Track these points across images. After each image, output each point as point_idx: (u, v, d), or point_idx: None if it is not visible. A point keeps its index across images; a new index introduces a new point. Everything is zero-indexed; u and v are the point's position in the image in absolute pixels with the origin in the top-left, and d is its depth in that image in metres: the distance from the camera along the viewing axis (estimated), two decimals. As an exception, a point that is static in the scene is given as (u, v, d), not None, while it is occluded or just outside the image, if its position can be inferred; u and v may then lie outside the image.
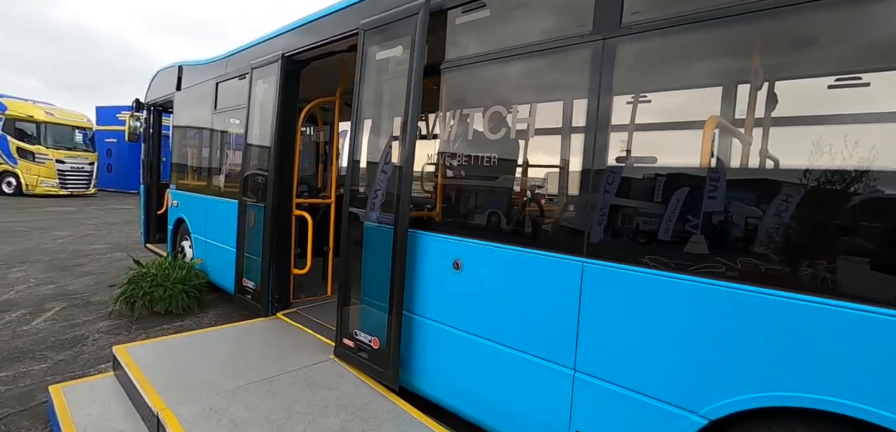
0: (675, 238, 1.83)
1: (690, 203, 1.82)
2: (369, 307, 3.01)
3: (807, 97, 1.77)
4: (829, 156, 1.53)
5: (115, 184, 22.72)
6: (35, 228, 10.18)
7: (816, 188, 1.57)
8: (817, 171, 1.56)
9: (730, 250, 1.72)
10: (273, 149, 4.00)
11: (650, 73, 2.06)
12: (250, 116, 4.36)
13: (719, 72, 1.94)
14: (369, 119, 3.10)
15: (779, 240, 1.63)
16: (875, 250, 1.50)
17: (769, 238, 1.66)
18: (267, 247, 4.02)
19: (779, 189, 1.67)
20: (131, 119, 7.35)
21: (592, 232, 2.02)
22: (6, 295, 5.36)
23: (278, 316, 4.10)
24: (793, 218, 1.62)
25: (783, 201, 1.63)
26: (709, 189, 1.78)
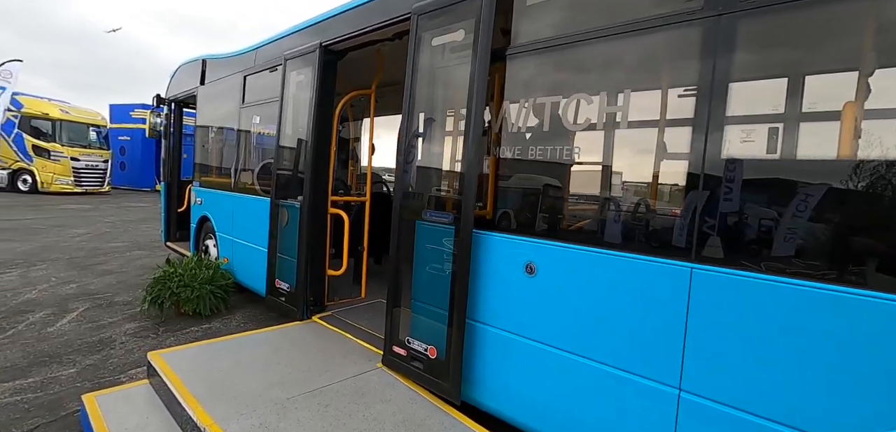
0: (817, 244, 1.59)
1: (831, 202, 1.57)
2: (424, 313, 2.79)
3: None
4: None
5: (129, 181, 22.74)
6: (52, 226, 10.08)
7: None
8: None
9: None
10: (309, 145, 3.80)
11: (768, 54, 1.81)
12: (283, 110, 4.16)
13: (854, 52, 1.69)
14: (422, 111, 2.88)
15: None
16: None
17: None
18: (303, 248, 3.82)
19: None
20: (152, 115, 7.19)
21: (703, 234, 1.78)
22: (29, 294, 5.21)
23: (314, 319, 3.89)
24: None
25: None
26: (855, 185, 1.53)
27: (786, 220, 1.65)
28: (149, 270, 6.62)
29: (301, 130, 4.03)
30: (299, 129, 4.08)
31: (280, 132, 4.17)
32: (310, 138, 3.80)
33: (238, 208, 5.01)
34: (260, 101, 4.79)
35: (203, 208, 5.86)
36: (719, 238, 1.76)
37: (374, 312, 4.17)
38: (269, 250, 4.24)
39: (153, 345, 3.99)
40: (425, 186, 2.86)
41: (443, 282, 2.63)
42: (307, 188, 3.79)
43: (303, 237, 3.81)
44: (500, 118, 2.49)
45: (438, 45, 2.77)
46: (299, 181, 3.98)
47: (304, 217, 3.80)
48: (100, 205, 14.72)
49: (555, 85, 2.32)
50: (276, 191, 4.16)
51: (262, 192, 4.65)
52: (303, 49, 3.93)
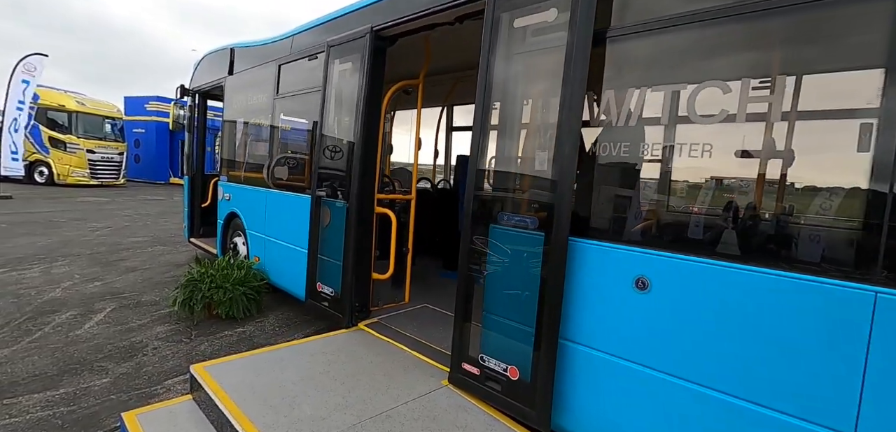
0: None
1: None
2: (501, 329, 2.48)
3: None
4: None
5: (143, 174, 22.68)
6: (71, 219, 9.91)
7: None
8: None
9: None
10: (358, 139, 3.50)
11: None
12: (326, 101, 3.87)
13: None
14: (500, 101, 2.56)
15: None
16: None
17: None
18: (350, 250, 3.53)
19: None
20: (176, 107, 6.95)
21: (893, 251, 1.45)
22: (53, 292, 4.99)
23: (361, 327, 3.61)
24: None
25: None
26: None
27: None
28: (173, 267, 6.40)
29: (346, 123, 3.74)
30: (344, 122, 3.79)
31: (322, 125, 3.87)
32: (357, 132, 3.50)
33: (272, 205, 4.74)
34: (297, 92, 4.51)
35: (231, 204, 5.60)
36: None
37: (422, 319, 3.88)
38: (310, 251, 3.95)
39: (187, 352, 3.74)
40: (504, 185, 2.55)
41: (526, 294, 2.32)
42: (354, 185, 3.50)
43: (350, 238, 3.53)
44: (602, 109, 2.16)
45: (521, 26, 2.45)
46: (344, 178, 3.69)
47: (351, 216, 3.51)
48: (116, 198, 14.60)
49: (678, 70, 2.00)
50: (317, 187, 3.87)
51: (301, 189, 4.37)
52: (350, 35, 3.63)
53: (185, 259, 6.98)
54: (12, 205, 11.48)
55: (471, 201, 2.59)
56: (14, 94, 12.69)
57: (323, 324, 4.47)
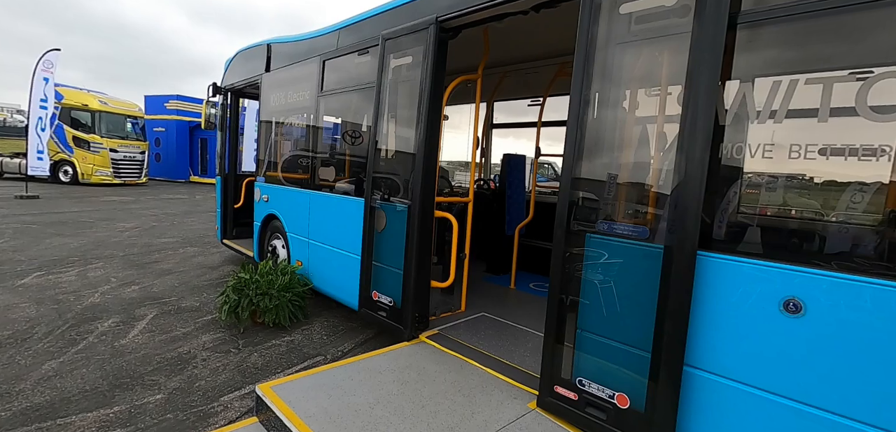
0: None
1: None
2: (607, 351, 2.23)
3: None
4: None
5: (164, 173, 22.80)
6: (100, 219, 9.87)
7: None
8: None
9: None
10: (420, 137, 3.27)
11: None
12: (381, 98, 3.64)
13: None
14: (602, 95, 2.30)
15: None
16: None
17: None
18: (412, 257, 3.30)
19: None
20: (207, 105, 6.78)
21: None
22: (92, 297, 4.85)
23: (423, 339, 3.39)
24: None
25: None
26: None
27: None
28: (207, 270, 6.25)
29: (405, 121, 3.51)
30: (402, 120, 3.56)
31: (376, 123, 3.65)
32: (420, 130, 3.27)
33: (317, 208, 4.54)
34: (344, 89, 4.29)
35: (270, 206, 5.41)
36: None
37: (483, 330, 3.65)
38: (363, 258, 3.74)
39: (238, 364, 3.55)
40: (607, 190, 2.29)
41: (639, 314, 2.07)
42: (417, 188, 3.26)
43: (412, 244, 3.30)
44: (739, 102, 1.89)
45: (630, 12, 2.18)
46: (404, 179, 3.46)
47: (413, 220, 3.28)
48: (140, 197, 14.61)
49: (841, 54, 1.72)
50: (372, 189, 3.65)
51: (351, 191, 4.16)
52: (410, 26, 3.39)
53: (219, 261, 6.85)
54: (39, 204, 11.51)
55: (565, 208, 2.34)
56: (36, 93, 12.72)
57: (371, 333, 4.26)
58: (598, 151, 2.32)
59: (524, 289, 4.95)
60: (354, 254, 3.92)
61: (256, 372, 3.44)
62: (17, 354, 3.50)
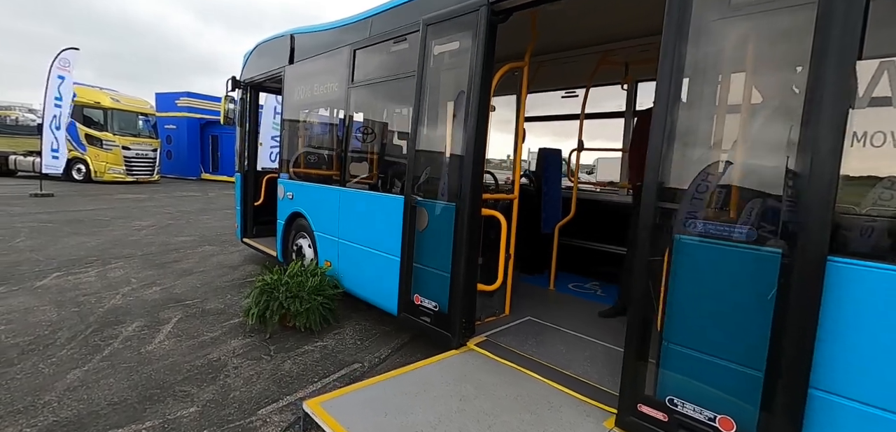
0: None
1: None
2: (704, 369, 1.98)
3: None
4: None
5: (175, 170, 22.75)
6: (116, 217, 9.74)
7: None
8: None
9: None
10: (469, 130, 3.02)
11: None
12: (422, 87, 3.39)
13: None
14: (695, 80, 2.04)
15: None
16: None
17: None
18: (461, 258, 3.06)
19: None
20: (226, 100, 6.57)
21: None
22: (114, 300, 4.67)
23: (471, 347, 3.15)
24: None
25: None
26: None
27: None
28: (228, 270, 6.06)
29: (450, 112, 3.27)
30: (446, 112, 3.31)
31: (417, 115, 3.40)
32: (468, 122, 3.02)
33: (348, 206, 4.31)
34: (378, 79, 4.05)
35: (294, 204, 5.20)
36: None
37: (533, 335, 3.41)
38: (403, 259, 3.50)
39: (272, 372, 3.34)
40: (703, 186, 2.03)
41: (746, 327, 1.81)
42: (466, 184, 3.02)
43: (460, 245, 3.06)
44: (876, 85, 1.63)
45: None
46: (450, 175, 3.22)
47: (462, 220, 3.04)
48: (153, 195, 14.50)
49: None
50: (412, 186, 3.41)
51: (388, 187, 3.93)
52: (457, 9, 3.13)
53: (239, 260, 6.66)
54: (55, 203, 11.42)
55: (651, 206, 2.08)
56: (51, 91, 12.62)
57: (405, 337, 4.04)
58: (691, 142, 2.06)
59: (564, 290, 4.70)
60: (391, 256, 3.69)
61: (292, 382, 3.23)
62: (41, 362, 3.31)
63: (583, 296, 4.56)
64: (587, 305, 4.27)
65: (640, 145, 3.96)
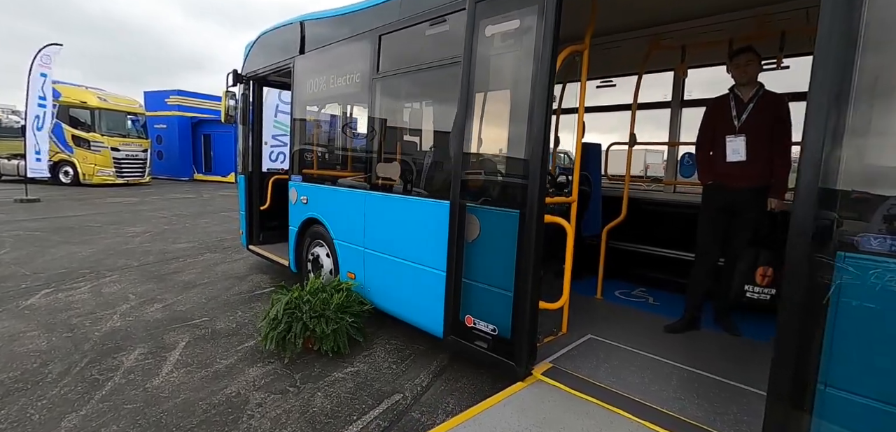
0: None
1: None
2: (883, 419, 1.55)
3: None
4: None
5: (166, 171, 22.05)
6: (107, 223, 9.16)
7: None
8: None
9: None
10: (535, 123, 2.56)
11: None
12: (470, 76, 2.92)
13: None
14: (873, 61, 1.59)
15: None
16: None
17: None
18: (527, 273, 2.61)
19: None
20: (227, 96, 6.04)
21: None
22: (111, 320, 4.16)
23: (539, 376, 2.71)
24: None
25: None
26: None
27: None
28: (235, 281, 5.56)
29: (504, 104, 2.81)
30: (500, 103, 2.86)
31: (465, 108, 2.93)
32: (534, 114, 2.56)
33: (376, 211, 3.83)
34: (411, 68, 3.57)
35: (309, 209, 4.71)
36: None
37: (602, 358, 2.99)
38: (450, 274, 3.04)
39: (302, 408, 2.88)
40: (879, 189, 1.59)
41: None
42: (534, 187, 2.56)
43: (527, 258, 2.60)
44: None
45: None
46: (502, 177, 2.77)
47: (528, 229, 2.59)
48: (145, 198, 13.88)
49: None
50: (461, 190, 2.94)
51: (426, 191, 3.46)
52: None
53: (245, 270, 6.15)
54: (41, 208, 10.80)
55: (810, 216, 1.64)
56: (34, 89, 11.95)
57: (444, 358, 3.59)
58: (866, 132, 1.62)
59: (612, 299, 4.27)
60: (433, 269, 3.23)
61: (327, 421, 2.77)
62: (30, 405, 2.82)
63: (635, 306, 4.14)
64: (644, 317, 3.85)
65: (712, 139, 3.54)
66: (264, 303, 4.78)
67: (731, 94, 3.41)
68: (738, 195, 3.33)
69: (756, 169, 3.26)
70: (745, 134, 3.28)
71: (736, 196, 3.34)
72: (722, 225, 3.42)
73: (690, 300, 3.53)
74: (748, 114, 3.29)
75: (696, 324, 3.53)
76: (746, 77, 3.31)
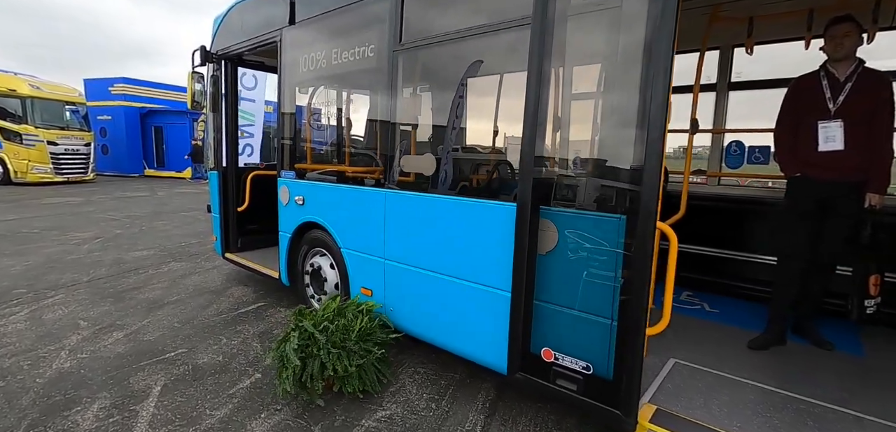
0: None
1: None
2: None
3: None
4: None
5: (114, 167, 20.17)
6: (47, 228, 7.91)
7: None
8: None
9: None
10: (656, 102, 1.95)
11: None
12: (544, 42, 2.27)
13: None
14: None
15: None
16: None
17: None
18: (640, 298, 2.01)
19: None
20: (193, 79, 5.11)
21: None
22: (58, 361, 3.27)
23: (648, 425, 2.13)
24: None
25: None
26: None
27: None
28: (212, 296, 4.70)
29: (596, 80, 2.19)
30: (588, 79, 2.23)
31: (538, 84, 2.28)
32: (652, 91, 1.95)
33: (402, 215, 3.13)
34: (450, 35, 2.87)
35: (306, 211, 3.94)
36: None
37: (703, 391, 2.46)
38: (517, 294, 2.40)
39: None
40: None
41: None
42: (646, 187, 1.96)
43: (641, 278, 2.01)
44: None
45: None
46: (599, 172, 2.16)
47: (643, 241, 1.99)
48: (91, 197, 12.40)
49: None
50: (532, 190, 2.30)
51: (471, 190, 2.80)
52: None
53: (221, 281, 5.28)
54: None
55: None
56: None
57: (490, 389, 2.96)
58: None
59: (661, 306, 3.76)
60: (490, 287, 2.59)
61: (374, 500, 2.08)
62: (-60, 507, 1.97)
63: (693, 314, 3.65)
64: (712, 329, 3.36)
65: (795, 124, 3.06)
66: (253, 324, 3.99)
67: (822, 71, 2.93)
68: (832, 189, 2.87)
69: (853, 160, 2.81)
70: (842, 118, 2.82)
71: (829, 190, 2.88)
72: (811, 224, 2.96)
73: (776, 311, 3.06)
74: (846, 95, 2.82)
75: (783, 339, 3.06)
76: (843, 51, 2.84)
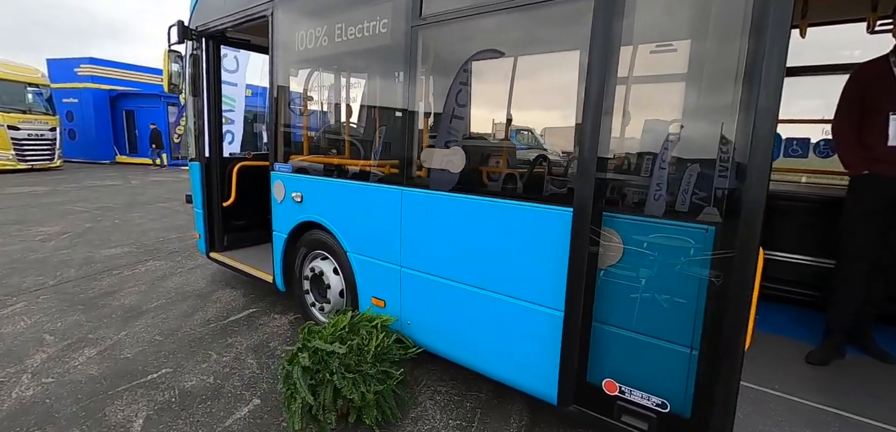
0: None
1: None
2: None
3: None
4: None
5: (82, 153, 19.09)
6: (6, 223, 7.22)
7: None
8: None
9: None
10: (759, 91, 1.60)
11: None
12: (609, 16, 1.89)
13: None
14: None
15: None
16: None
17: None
18: (737, 327, 1.68)
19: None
20: (170, 58, 4.57)
21: None
22: (20, 387, 2.79)
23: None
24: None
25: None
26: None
27: None
28: (197, 301, 4.24)
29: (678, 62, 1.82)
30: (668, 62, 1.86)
31: (604, 67, 1.90)
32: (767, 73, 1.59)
33: (423, 216, 2.73)
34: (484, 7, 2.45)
35: (305, 210, 3.50)
36: None
37: (778, 420, 2.14)
38: (572, 314, 2.05)
39: None
40: None
41: None
42: (751, 188, 1.62)
43: (738, 302, 1.67)
44: None
45: None
46: (681, 173, 1.80)
47: (745, 259, 1.64)
48: (58, 187, 11.58)
49: None
50: (593, 194, 1.94)
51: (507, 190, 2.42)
52: None
53: (204, 282, 4.80)
54: (-88, 204, 8.50)
55: None
56: None
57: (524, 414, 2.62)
58: None
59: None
60: (537, 304, 2.23)
61: None
62: None
63: (773, 332, 3.35)
64: (761, 340, 3.08)
65: (860, 116, 2.77)
66: (245, 335, 3.56)
67: (894, 57, 2.63)
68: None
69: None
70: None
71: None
72: (880, 225, 2.68)
73: (837, 321, 2.79)
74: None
75: (843, 350, 2.80)
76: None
